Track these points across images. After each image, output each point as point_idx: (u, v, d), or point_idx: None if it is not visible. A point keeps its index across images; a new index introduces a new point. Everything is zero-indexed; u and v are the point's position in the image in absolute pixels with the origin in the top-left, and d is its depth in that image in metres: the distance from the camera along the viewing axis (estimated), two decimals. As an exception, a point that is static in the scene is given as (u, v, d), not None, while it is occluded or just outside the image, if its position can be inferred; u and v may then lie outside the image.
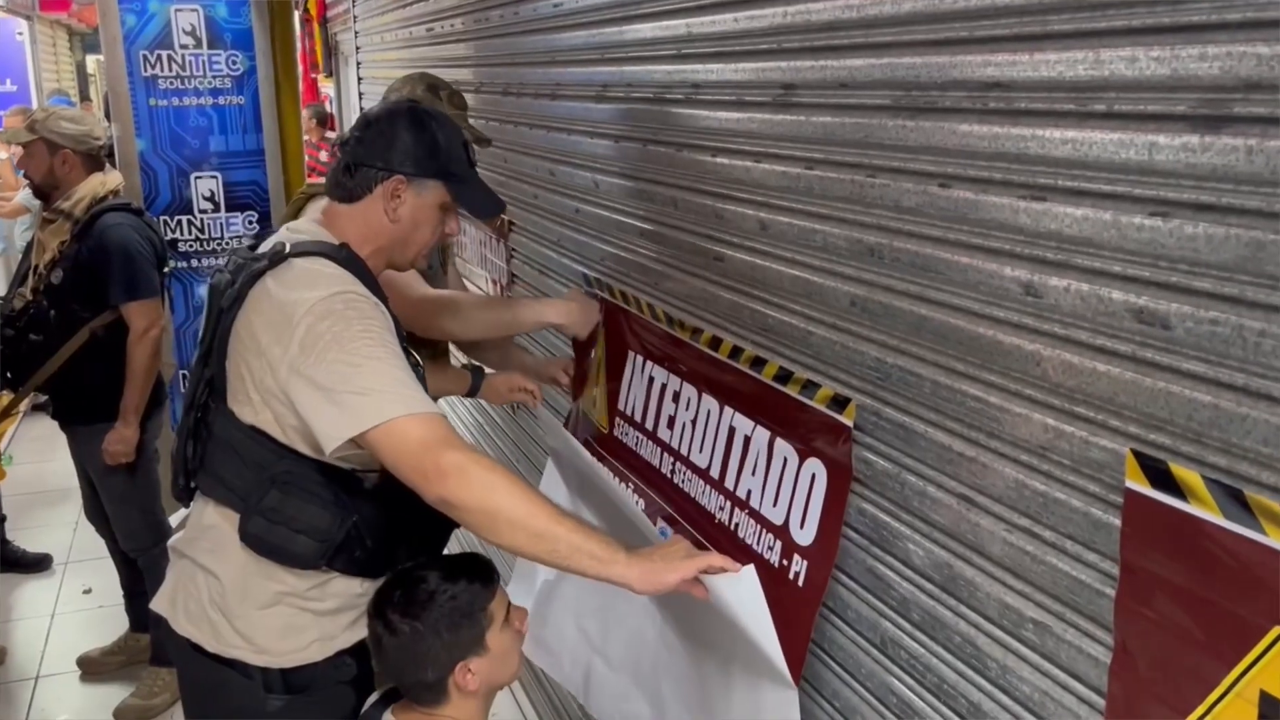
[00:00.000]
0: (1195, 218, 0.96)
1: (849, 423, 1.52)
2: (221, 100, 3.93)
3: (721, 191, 1.79)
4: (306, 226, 1.83)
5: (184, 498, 1.89)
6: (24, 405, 3.58)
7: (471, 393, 2.55)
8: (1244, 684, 0.97)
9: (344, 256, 1.72)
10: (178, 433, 1.89)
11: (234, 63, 3.96)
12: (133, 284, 3.24)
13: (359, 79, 5.09)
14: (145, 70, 3.86)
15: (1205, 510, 0.99)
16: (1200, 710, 1.02)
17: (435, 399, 2.08)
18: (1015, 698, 1.26)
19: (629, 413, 2.30)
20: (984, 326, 1.24)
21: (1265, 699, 0.95)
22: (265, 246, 1.79)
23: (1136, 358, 1.04)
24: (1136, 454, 1.05)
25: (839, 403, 1.54)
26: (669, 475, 2.12)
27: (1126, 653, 1.10)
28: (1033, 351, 1.17)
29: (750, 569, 1.51)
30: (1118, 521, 1.08)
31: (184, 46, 3.88)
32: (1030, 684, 1.24)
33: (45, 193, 3.34)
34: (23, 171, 3.46)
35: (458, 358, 2.85)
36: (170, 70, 3.88)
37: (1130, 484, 1.06)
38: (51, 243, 3.31)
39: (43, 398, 6.38)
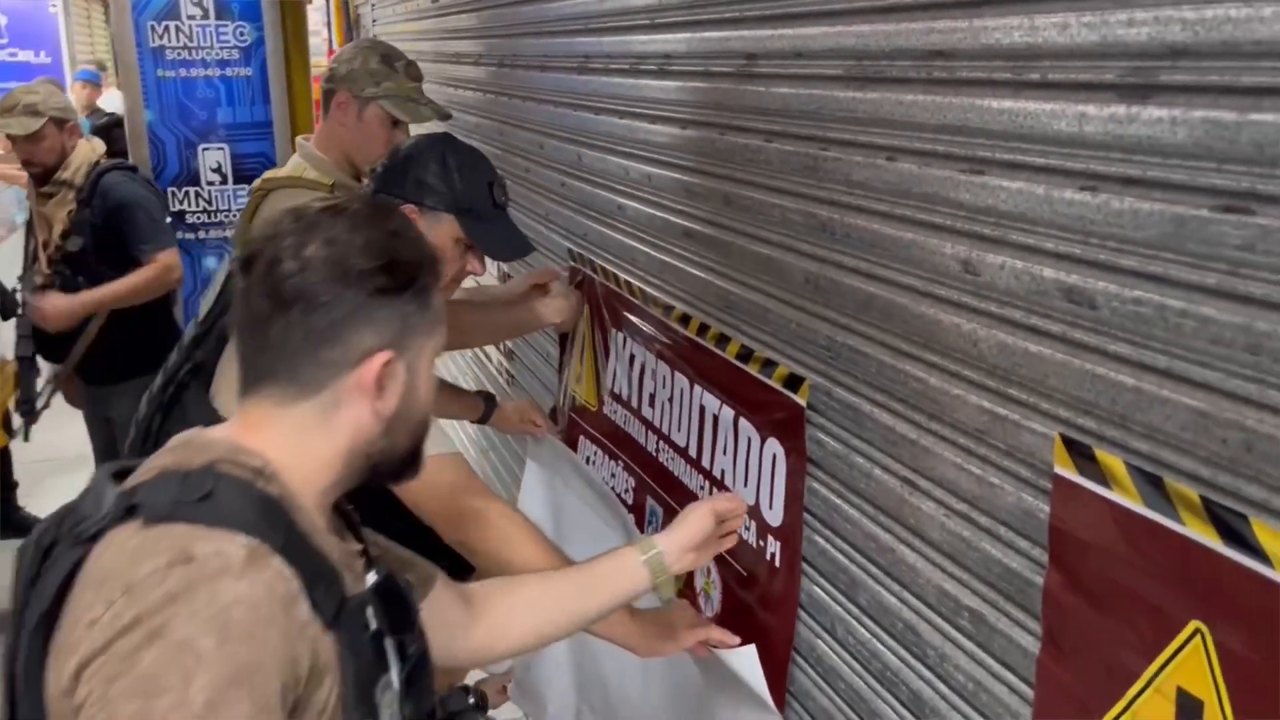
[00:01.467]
0: (1122, 192, 0.92)
1: (803, 403, 1.49)
2: (229, 72, 3.93)
3: (691, 165, 1.75)
4: None
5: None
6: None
7: (482, 420, 2.50)
8: (1162, 679, 0.93)
9: None
10: (147, 399, 1.87)
11: (241, 34, 3.95)
12: (154, 235, 3.30)
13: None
14: (153, 41, 3.87)
15: (1127, 498, 0.95)
16: (1121, 705, 0.98)
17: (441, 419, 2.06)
18: (952, 686, 1.23)
19: (616, 390, 2.28)
20: (926, 305, 1.20)
21: (1182, 695, 0.92)
22: None
23: (1066, 338, 1.00)
24: (1065, 439, 1.02)
25: (794, 382, 1.50)
26: (655, 454, 2.10)
27: (1053, 644, 1.06)
28: (970, 331, 1.13)
29: (751, 648, 1.51)
30: (1048, 508, 1.05)
31: (191, 17, 3.88)
32: (965, 673, 1.21)
33: (49, 171, 3.34)
34: (26, 161, 3.34)
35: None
36: (178, 41, 3.88)
37: (1059, 469, 1.03)
38: (59, 214, 3.33)
39: (57, 367, 6.50)
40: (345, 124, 2.33)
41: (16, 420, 5.34)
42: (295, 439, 1.04)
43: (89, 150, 3.37)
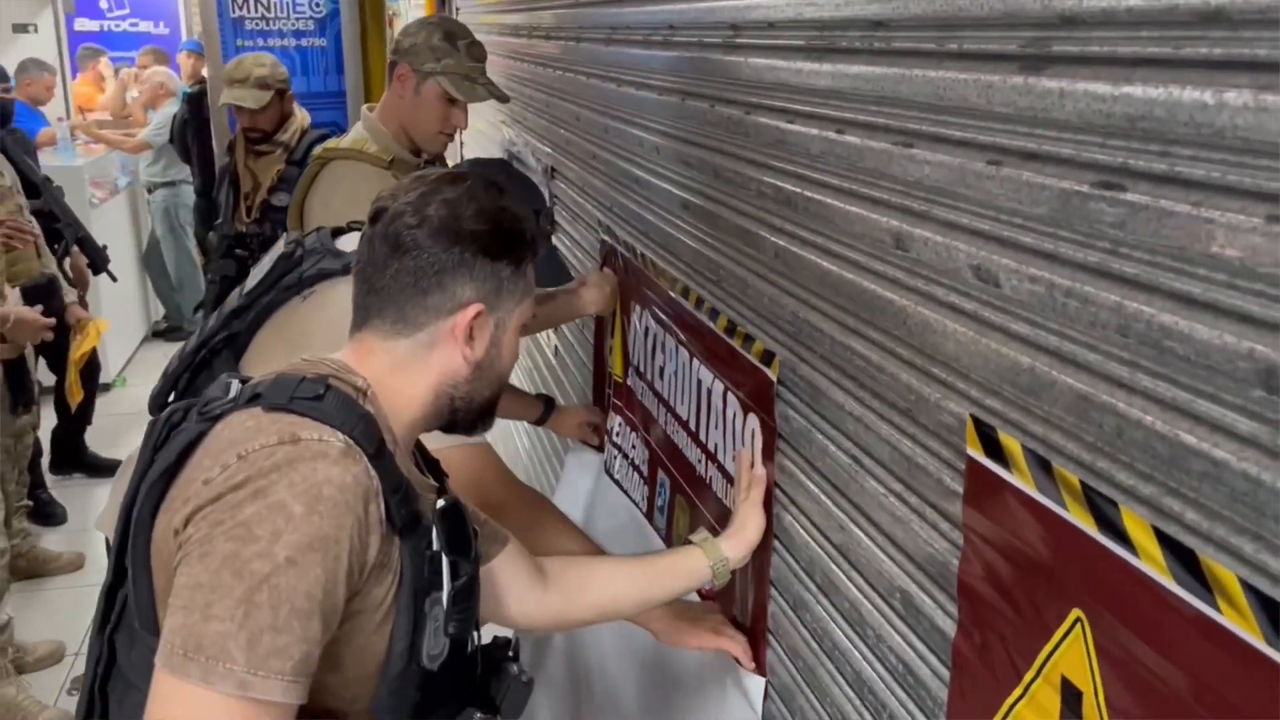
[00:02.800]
0: (1021, 167, 0.89)
1: (774, 378, 1.48)
2: (304, 42, 4.03)
3: (687, 137, 1.75)
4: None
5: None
6: None
7: (540, 422, 2.54)
8: (1049, 668, 0.92)
9: None
10: (179, 354, 1.94)
11: (317, 5, 4.05)
12: None
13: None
14: (234, 12, 3.99)
15: (1024, 481, 0.93)
16: (1017, 693, 0.96)
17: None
18: (887, 667, 1.22)
19: (635, 362, 2.29)
20: (868, 280, 1.18)
21: (1066, 684, 0.90)
22: (346, 245, 1.71)
23: (977, 317, 0.98)
24: (975, 420, 0.99)
25: (768, 358, 1.50)
26: (664, 426, 2.11)
27: (966, 628, 1.04)
28: (901, 308, 1.11)
29: (761, 682, 1.58)
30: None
31: (270, -12, 4.00)
32: (897, 655, 1.19)
33: (264, 134, 3.67)
34: (248, 128, 3.66)
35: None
36: (256, 12, 4.00)
37: (970, 451, 1.01)
38: (268, 171, 3.66)
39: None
40: (404, 97, 2.38)
41: (113, 373, 5.62)
42: (394, 370, 1.20)
43: (302, 116, 3.73)
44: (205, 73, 7.26)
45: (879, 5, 1.11)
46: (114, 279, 4.65)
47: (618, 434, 2.44)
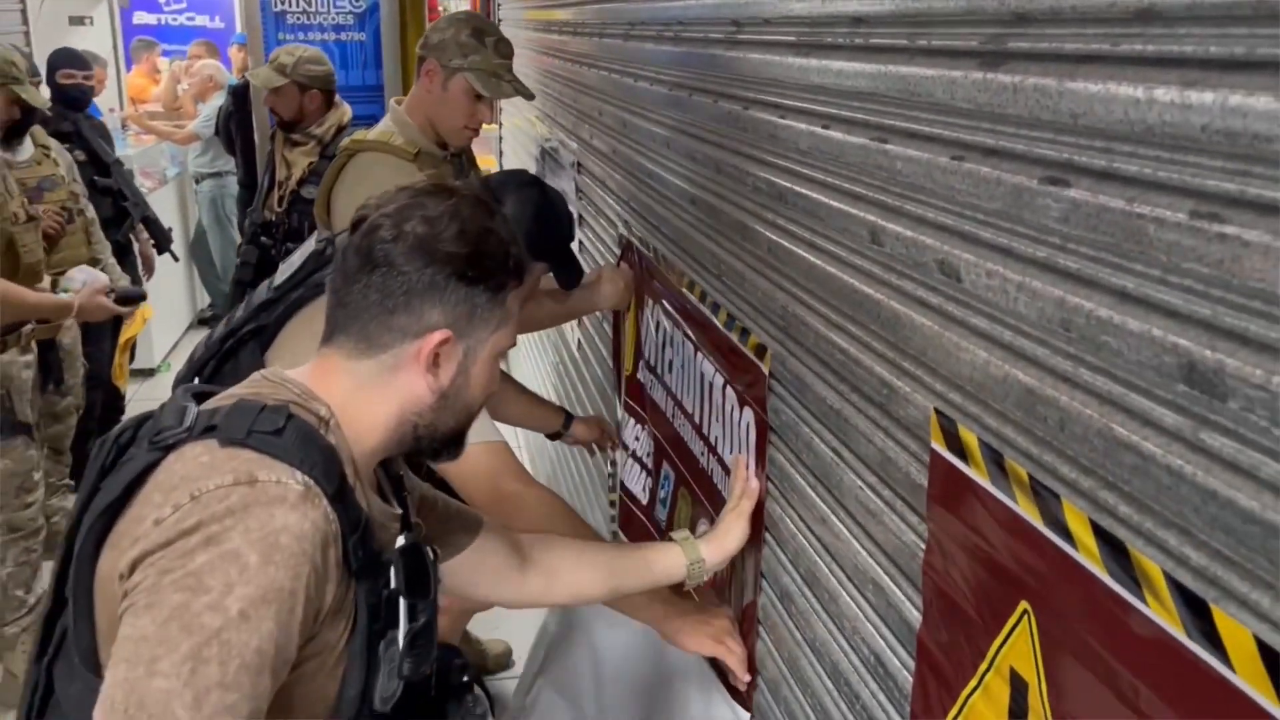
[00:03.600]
0: (981, 162, 0.90)
1: (766, 371, 1.49)
2: (343, 36, 4.10)
3: (694, 132, 1.76)
4: None
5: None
6: None
7: (556, 436, 2.57)
8: (1000, 659, 0.92)
9: None
10: (205, 343, 1.99)
11: (356, 0, 4.11)
12: None
13: (499, 20, 5.20)
14: (276, 5, 4.06)
15: (979, 474, 0.94)
16: (972, 684, 0.97)
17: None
18: (861, 658, 1.23)
19: (646, 356, 2.31)
20: (847, 274, 1.19)
21: (1014, 676, 0.90)
22: None
23: (941, 311, 0.99)
24: (938, 413, 1.00)
25: (761, 351, 1.51)
26: (670, 419, 2.12)
27: (928, 620, 1.05)
28: (876, 302, 1.12)
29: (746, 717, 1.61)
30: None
31: (311, -17, 4.07)
32: (869, 646, 1.21)
33: (289, 124, 3.80)
34: (270, 109, 3.87)
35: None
36: (297, 6, 4.07)
37: (933, 444, 1.01)
38: (301, 162, 3.76)
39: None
40: (431, 91, 2.42)
41: (158, 359, 5.74)
42: (356, 393, 1.13)
43: (341, 113, 3.83)
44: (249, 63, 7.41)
45: (858, 2, 1.12)
46: (176, 259, 4.81)
47: (626, 429, 2.47)
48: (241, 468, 1.00)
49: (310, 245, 1.92)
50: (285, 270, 1.90)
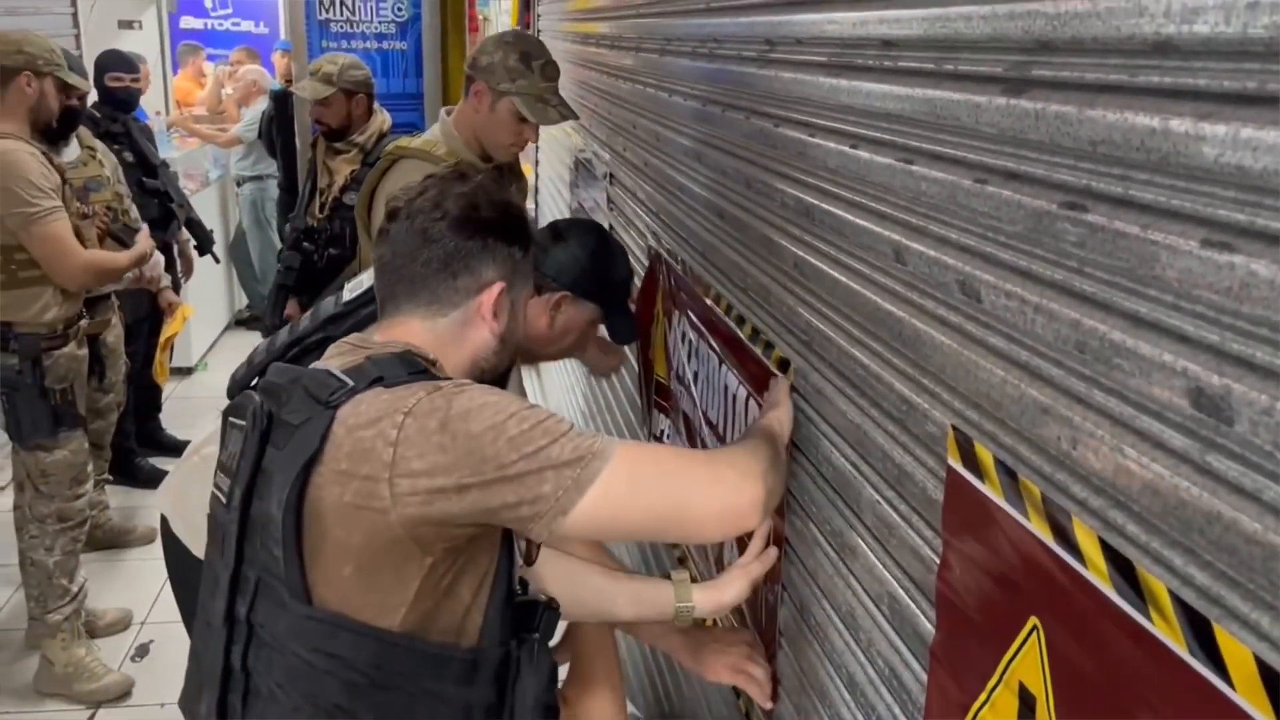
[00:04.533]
0: (1003, 185, 0.92)
1: (789, 384, 1.51)
2: (385, 45, 4.16)
3: (724, 147, 1.79)
4: None
5: None
6: None
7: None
8: (1009, 674, 0.94)
9: None
10: (267, 348, 2.05)
11: (399, 9, 4.18)
12: None
13: (538, 31, 5.25)
14: (320, 14, 4.14)
15: (993, 491, 0.95)
16: (982, 697, 0.99)
17: None
18: (876, 670, 1.25)
19: (673, 365, 2.34)
20: (871, 291, 1.21)
21: (1023, 690, 0.92)
22: None
23: (961, 330, 1.01)
24: (955, 430, 1.02)
25: (784, 365, 1.53)
26: (698, 429, 2.15)
27: (941, 633, 1.07)
28: (899, 319, 1.14)
29: None
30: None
31: (355, -8, 4.14)
32: (884, 659, 1.22)
33: (336, 132, 3.84)
34: (316, 120, 3.90)
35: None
36: (341, 15, 4.15)
37: (950, 460, 1.03)
38: (343, 170, 3.82)
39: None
40: (479, 111, 2.50)
41: (195, 357, 5.84)
42: (439, 346, 1.36)
43: (382, 120, 3.88)
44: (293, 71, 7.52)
45: (889, 26, 1.14)
46: (217, 260, 4.91)
47: (666, 435, 2.49)
48: (422, 386, 1.22)
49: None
50: (354, 288, 1.98)
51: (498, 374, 1.42)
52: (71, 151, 3.57)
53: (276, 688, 1.22)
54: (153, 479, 4.62)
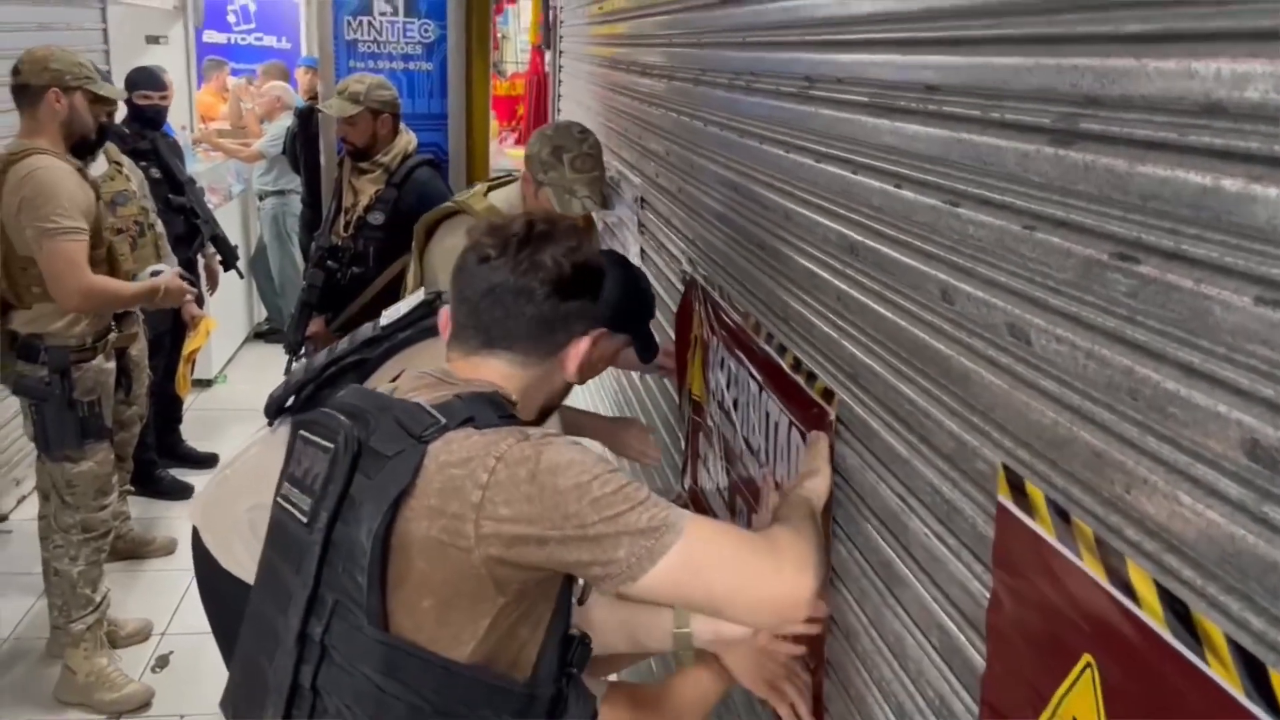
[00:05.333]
0: (1052, 233, 0.95)
1: (834, 414, 1.54)
2: (411, 65, 4.21)
3: (764, 179, 1.82)
4: None
5: None
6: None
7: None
8: (1063, 709, 0.96)
9: None
10: (305, 368, 2.12)
11: (426, 31, 4.23)
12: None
13: (559, 52, 5.30)
14: (348, 34, 4.19)
15: (1045, 530, 0.98)
16: (1036, 730, 1.01)
17: None
18: (926, 699, 1.27)
19: (712, 389, 2.37)
20: (918, 329, 1.24)
21: (1077, 725, 0.94)
22: None
23: (1011, 371, 1.03)
24: (1006, 468, 1.05)
25: (829, 395, 1.56)
26: (739, 455, 2.18)
27: (992, 665, 1.09)
28: (945, 357, 1.17)
29: None
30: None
31: (382, 14, 4.19)
32: (934, 688, 1.24)
33: (361, 151, 3.86)
34: (342, 138, 3.90)
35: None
36: (369, 35, 4.20)
37: (1000, 498, 1.06)
38: (368, 189, 3.88)
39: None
40: (528, 196, 2.74)
41: (215, 370, 5.90)
42: (522, 391, 1.44)
43: (406, 140, 3.92)
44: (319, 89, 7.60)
45: (933, 71, 1.17)
46: (241, 275, 4.97)
47: (705, 458, 2.52)
48: (512, 432, 1.29)
49: (419, 296, 2.09)
50: (391, 314, 2.05)
51: (547, 413, 1.50)
52: (99, 166, 3.63)
53: (344, 708, 1.26)
54: (173, 490, 4.69)
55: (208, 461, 4.99)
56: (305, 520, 1.30)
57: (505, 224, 1.47)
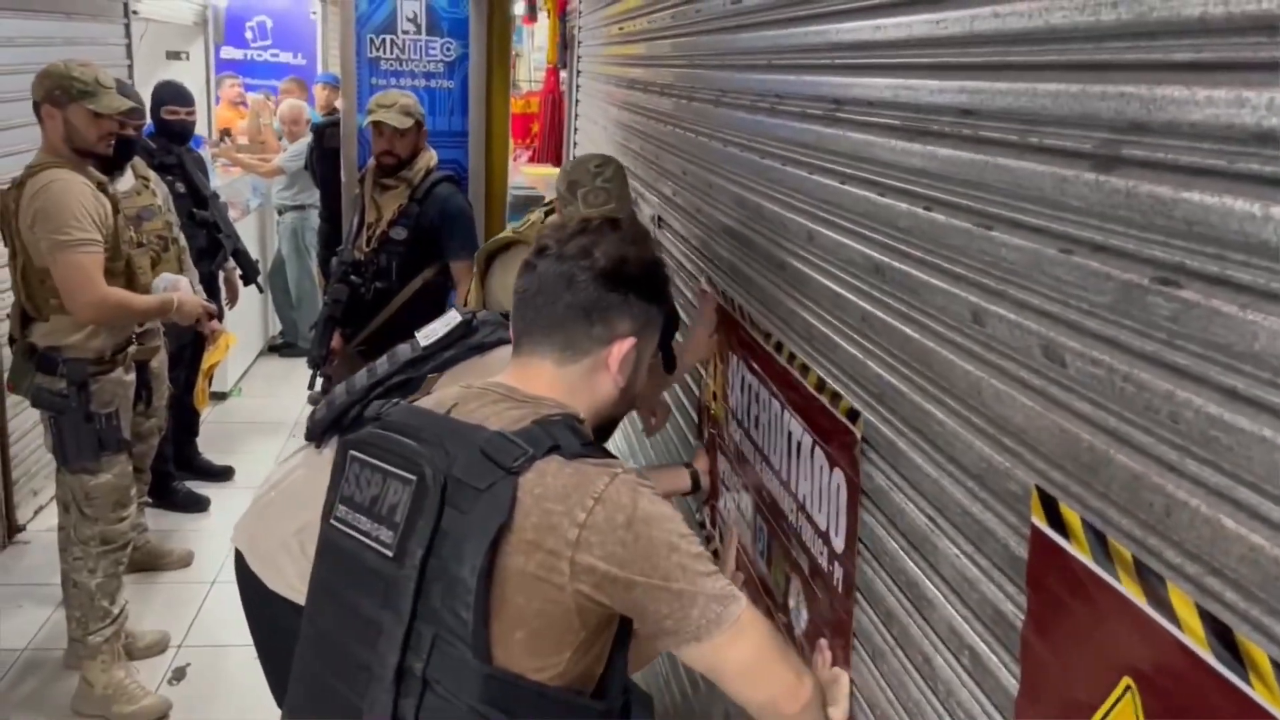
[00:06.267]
0: (1090, 256, 0.95)
1: (859, 434, 1.54)
2: (433, 84, 4.24)
3: (786, 200, 1.83)
4: None
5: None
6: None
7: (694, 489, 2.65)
8: (1099, 731, 0.96)
9: None
10: (347, 388, 2.15)
11: (448, 49, 4.27)
12: (466, 245, 3.85)
13: (577, 71, 5.33)
14: (371, 52, 4.23)
15: (1081, 552, 0.98)
16: (1070, 753, 1.01)
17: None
18: (953, 721, 1.27)
19: (732, 407, 2.37)
20: (946, 350, 1.25)
21: (1114, 748, 0.94)
22: None
23: (1045, 393, 1.04)
24: (1040, 490, 1.05)
25: (853, 415, 1.56)
26: (759, 472, 2.18)
27: (1026, 689, 1.09)
28: (976, 379, 1.17)
29: None
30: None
31: (405, 32, 4.23)
32: (965, 710, 1.24)
33: (397, 165, 3.88)
34: (386, 151, 3.82)
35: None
36: (391, 54, 4.24)
37: (1034, 520, 1.06)
38: (391, 205, 3.93)
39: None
40: None
41: (230, 382, 5.93)
42: (569, 392, 1.43)
43: (429, 157, 3.98)
44: (338, 105, 7.64)
45: (969, 95, 1.18)
46: (261, 290, 5.00)
47: (724, 478, 2.52)
48: (600, 470, 1.31)
49: (455, 316, 2.14)
50: (428, 335, 2.07)
51: (608, 426, 1.49)
52: (126, 181, 3.66)
53: None
54: (189, 503, 4.71)
55: (224, 474, 5.01)
56: (391, 554, 1.29)
57: (568, 221, 1.49)
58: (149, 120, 4.21)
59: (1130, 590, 0.91)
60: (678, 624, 1.30)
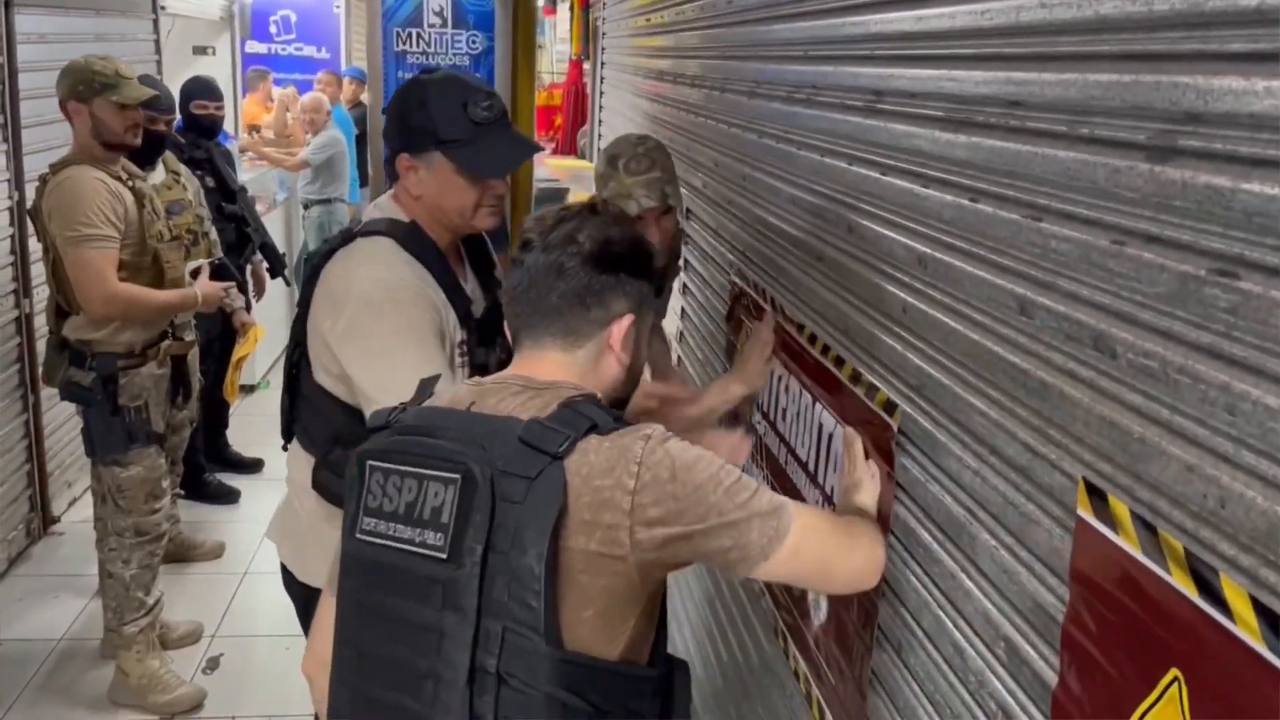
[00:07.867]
0: (1143, 248, 0.95)
1: (896, 426, 1.54)
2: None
3: (825, 192, 1.83)
4: (386, 203, 2.07)
5: (287, 440, 2.20)
6: None
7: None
8: (1146, 722, 0.96)
9: (403, 233, 1.98)
10: (284, 386, 2.17)
11: (474, 42, 4.27)
12: (495, 238, 3.71)
13: (601, 64, 5.33)
14: (397, 46, 4.24)
15: (1130, 544, 0.98)
16: (1114, 744, 1.01)
17: None
18: (986, 711, 1.27)
19: (758, 400, 2.37)
20: (991, 341, 1.24)
21: (1160, 740, 0.94)
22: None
23: (1093, 384, 1.04)
24: (1087, 482, 1.05)
25: (890, 407, 1.56)
26: (784, 465, 2.18)
27: (1065, 680, 1.09)
28: (1023, 370, 1.17)
29: None
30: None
31: (431, 25, 4.23)
32: (997, 700, 1.24)
33: None
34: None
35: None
36: (417, 47, 4.24)
37: (1080, 511, 1.06)
38: None
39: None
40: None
41: (258, 374, 5.96)
42: (580, 378, 1.42)
43: None
44: (364, 98, 7.66)
45: (1016, 86, 1.18)
46: (288, 283, 5.01)
47: (747, 470, 2.52)
48: (636, 436, 1.31)
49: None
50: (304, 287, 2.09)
51: (619, 404, 1.48)
52: (157, 175, 3.68)
53: None
54: (220, 495, 4.75)
55: (253, 466, 5.05)
56: (444, 555, 1.26)
57: (545, 213, 1.49)
58: (179, 115, 4.23)
59: (1180, 582, 0.91)
60: (743, 551, 1.31)
